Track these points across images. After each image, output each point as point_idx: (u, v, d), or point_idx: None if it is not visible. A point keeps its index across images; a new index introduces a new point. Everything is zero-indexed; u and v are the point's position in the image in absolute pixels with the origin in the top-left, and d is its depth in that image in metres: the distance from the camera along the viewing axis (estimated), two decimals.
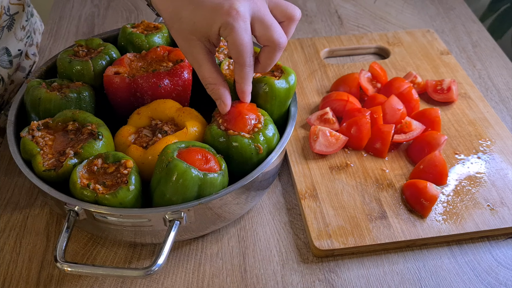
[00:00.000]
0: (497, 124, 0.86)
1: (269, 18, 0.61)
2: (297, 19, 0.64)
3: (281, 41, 0.61)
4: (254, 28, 0.61)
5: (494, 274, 0.67)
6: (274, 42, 0.61)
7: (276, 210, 0.75)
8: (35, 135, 0.66)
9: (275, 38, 0.61)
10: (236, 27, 0.59)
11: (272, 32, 0.61)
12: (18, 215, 0.74)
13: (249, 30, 0.60)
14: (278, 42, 0.61)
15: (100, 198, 0.60)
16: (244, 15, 0.59)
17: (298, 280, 0.66)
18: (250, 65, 0.63)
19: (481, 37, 1.09)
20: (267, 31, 0.61)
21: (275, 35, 0.61)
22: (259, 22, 0.60)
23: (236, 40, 0.59)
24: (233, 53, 0.61)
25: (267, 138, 0.67)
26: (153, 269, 0.56)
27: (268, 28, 0.61)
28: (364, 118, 0.80)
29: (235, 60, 0.62)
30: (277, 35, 0.61)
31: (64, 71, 0.76)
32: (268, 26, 0.61)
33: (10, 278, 0.67)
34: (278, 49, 0.62)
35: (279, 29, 0.61)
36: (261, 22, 0.61)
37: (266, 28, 0.61)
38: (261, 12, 0.60)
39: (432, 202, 0.72)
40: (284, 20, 0.64)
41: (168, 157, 0.61)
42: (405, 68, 0.98)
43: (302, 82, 0.95)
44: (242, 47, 0.60)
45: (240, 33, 0.59)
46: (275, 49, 0.62)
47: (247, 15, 0.59)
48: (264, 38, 0.61)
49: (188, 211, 0.61)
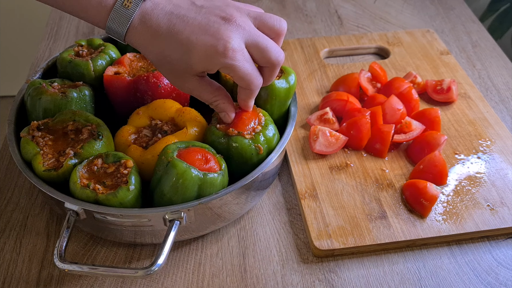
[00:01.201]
0: (497, 124, 0.86)
1: (262, 40, 0.59)
2: (285, 32, 0.62)
3: (279, 59, 0.61)
4: (250, 53, 0.59)
5: (494, 274, 0.67)
6: (273, 62, 0.61)
7: (276, 210, 0.75)
8: (35, 135, 0.66)
9: (274, 59, 0.60)
10: (236, 65, 0.57)
11: (269, 53, 0.59)
12: (18, 215, 0.74)
13: (248, 58, 0.59)
14: (277, 61, 0.61)
15: (100, 198, 0.60)
16: (239, 49, 0.57)
17: (298, 280, 0.67)
18: (258, 87, 0.62)
19: (481, 37, 1.09)
20: (264, 53, 0.59)
21: (273, 56, 0.60)
22: (254, 48, 0.59)
23: (241, 75, 0.59)
24: (241, 84, 0.61)
25: (267, 138, 0.67)
26: (153, 269, 0.56)
27: (265, 51, 0.59)
28: (364, 118, 0.80)
29: (245, 88, 0.62)
30: (275, 55, 0.60)
31: (64, 71, 0.76)
32: (263, 48, 0.59)
33: (10, 278, 0.67)
34: (278, 67, 0.62)
35: (274, 48, 0.60)
36: (256, 47, 0.59)
37: (262, 51, 0.59)
38: (253, 37, 0.59)
39: (432, 202, 0.72)
40: (274, 36, 0.62)
41: (168, 157, 0.61)
42: (405, 68, 0.98)
43: (302, 82, 0.95)
44: (248, 79, 0.60)
45: (242, 68, 0.58)
46: (275, 67, 0.62)
47: (242, 46, 0.58)
48: (263, 61, 0.60)
49: (188, 211, 0.61)
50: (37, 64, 1.01)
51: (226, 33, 0.56)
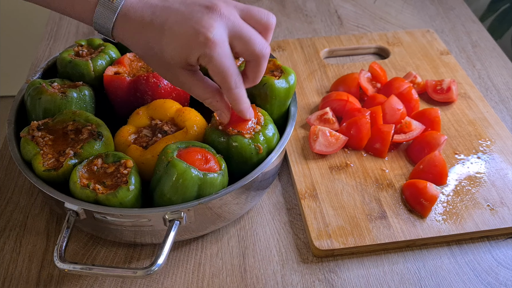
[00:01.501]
0: (497, 124, 0.86)
1: (246, 31, 0.57)
2: (273, 27, 0.60)
3: (264, 52, 0.58)
4: (234, 45, 0.57)
5: (494, 274, 0.67)
6: (258, 55, 0.57)
7: (276, 210, 0.75)
8: (35, 135, 0.66)
9: (258, 51, 0.57)
10: (214, 56, 0.55)
11: (253, 45, 0.57)
12: (18, 215, 0.74)
13: (228, 54, 0.56)
14: (261, 54, 0.57)
15: (100, 198, 0.60)
16: (220, 40, 0.55)
17: (298, 280, 0.67)
18: (238, 87, 0.59)
19: (481, 37, 1.09)
20: (248, 45, 0.57)
21: (257, 48, 0.57)
22: (237, 39, 0.56)
23: (217, 68, 0.56)
24: (216, 80, 0.58)
25: (267, 138, 0.67)
26: (153, 269, 0.56)
27: (248, 42, 0.57)
28: (364, 118, 0.80)
29: (220, 86, 0.59)
30: (259, 47, 0.57)
31: (64, 71, 0.76)
32: (247, 39, 0.57)
33: (10, 278, 0.67)
34: (263, 60, 0.59)
35: (259, 40, 0.57)
36: (240, 38, 0.56)
37: (245, 43, 0.57)
38: (236, 28, 0.56)
39: (432, 202, 0.72)
40: (261, 30, 0.59)
41: (168, 157, 0.61)
42: (405, 68, 0.98)
43: (302, 82, 0.95)
44: (224, 73, 0.56)
45: (219, 61, 0.55)
46: (260, 61, 0.58)
47: (224, 38, 0.55)
48: (247, 54, 0.58)
49: (188, 211, 0.61)
50: (37, 64, 1.01)
51: (208, 21, 0.54)
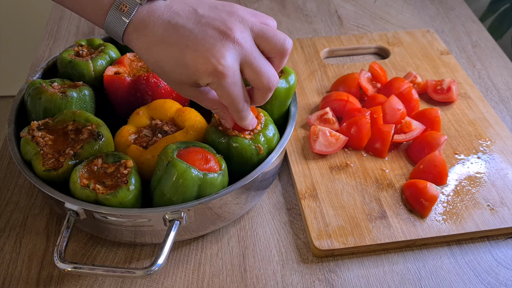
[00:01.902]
0: (497, 124, 0.86)
1: (257, 62, 0.57)
2: (289, 52, 0.59)
3: (271, 85, 0.59)
4: (244, 72, 0.58)
5: (494, 274, 0.67)
6: (264, 87, 0.59)
7: (276, 210, 0.75)
8: (35, 135, 0.66)
9: (265, 84, 0.58)
10: (223, 85, 0.56)
11: (261, 77, 0.58)
12: (18, 215, 0.74)
13: (238, 82, 0.57)
14: (268, 87, 0.59)
15: (100, 198, 0.60)
16: (230, 70, 0.55)
17: (298, 280, 0.67)
18: (243, 110, 0.61)
19: (481, 37, 1.09)
20: (257, 76, 0.57)
21: (265, 81, 0.58)
22: (248, 68, 0.57)
23: (225, 95, 0.57)
24: (224, 103, 0.59)
25: (267, 139, 0.67)
26: (153, 269, 0.56)
27: (258, 74, 0.57)
28: (364, 118, 0.80)
29: (228, 107, 0.60)
30: (267, 80, 0.58)
31: (64, 71, 0.76)
32: (257, 72, 0.57)
33: (10, 278, 0.67)
34: (269, 91, 0.60)
35: (268, 72, 0.58)
36: (250, 67, 0.57)
37: (255, 73, 0.57)
38: (249, 57, 0.56)
39: (432, 202, 0.72)
40: (275, 55, 0.59)
41: (168, 157, 0.61)
42: (405, 68, 0.98)
43: (302, 82, 0.95)
44: (231, 100, 0.58)
45: (228, 89, 0.56)
46: (267, 91, 0.60)
47: (235, 68, 0.56)
48: (255, 83, 0.59)
49: (188, 211, 0.61)
50: (37, 64, 1.01)
51: (220, 50, 0.54)
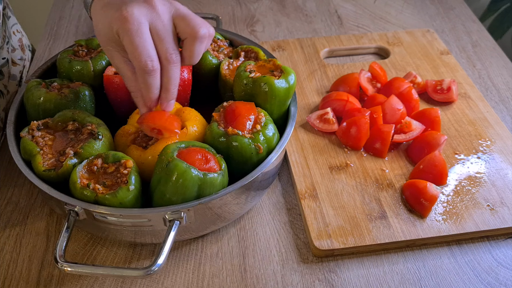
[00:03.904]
0: (497, 124, 0.86)
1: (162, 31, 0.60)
2: (200, 37, 0.61)
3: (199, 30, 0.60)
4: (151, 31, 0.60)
5: (494, 274, 0.67)
6: (190, 33, 0.60)
7: (276, 210, 0.75)
8: (35, 135, 0.66)
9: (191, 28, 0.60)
10: (126, 30, 0.58)
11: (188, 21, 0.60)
12: (18, 215, 0.74)
13: (143, 33, 0.59)
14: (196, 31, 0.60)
15: (100, 198, 0.60)
16: (136, 18, 0.59)
17: (298, 280, 0.67)
18: (146, 70, 0.60)
19: (481, 37, 1.09)
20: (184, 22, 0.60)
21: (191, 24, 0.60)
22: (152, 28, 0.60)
23: (127, 43, 0.59)
24: (130, 57, 0.60)
25: (267, 138, 0.67)
26: (153, 269, 0.56)
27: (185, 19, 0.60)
28: (363, 118, 0.80)
29: (135, 68, 0.61)
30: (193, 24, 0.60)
31: (64, 71, 0.76)
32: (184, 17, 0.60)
33: (10, 278, 0.67)
34: (196, 39, 0.60)
35: (197, 20, 0.60)
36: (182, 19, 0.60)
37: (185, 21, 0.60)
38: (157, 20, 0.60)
39: (432, 202, 0.72)
40: (186, 37, 0.61)
41: (168, 157, 0.61)
42: (405, 68, 0.98)
43: (302, 82, 0.95)
44: (132, 49, 0.59)
45: (129, 36, 0.58)
46: (194, 39, 0.60)
47: (140, 20, 0.59)
48: (180, 30, 0.61)
49: (188, 211, 0.61)
50: (37, 64, 1.01)
51: (133, 6, 0.59)
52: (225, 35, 0.85)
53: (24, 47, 0.94)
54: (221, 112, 0.69)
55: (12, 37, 0.89)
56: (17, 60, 0.89)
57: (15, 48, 0.89)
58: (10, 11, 0.92)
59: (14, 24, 0.92)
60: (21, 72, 0.89)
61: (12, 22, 0.92)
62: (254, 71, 0.71)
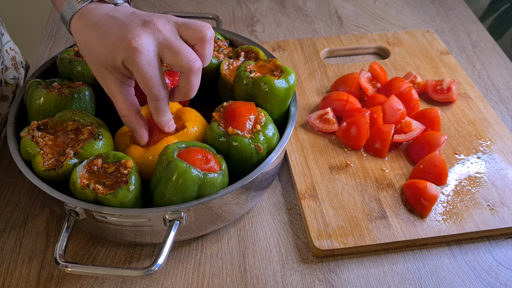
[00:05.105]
0: (497, 124, 0.86)
1: (176, 44, 0.60)
2: (209, 39, 0.62)
3: (192, 65, 0.60)
4: (164, 57, 0.60)
5: (494, 274, 0.67)
6: (185, 67, 0.60)
7: (276, 210, 0.75)
8: (35, 135, 0.66)
9: (185, 64, 0.59)
10: (137, 62, 0.58)
11: (181, 58, 0.59)
12: (18, 215, 0.74)
13: (152, 63, 0.59)
14: (188, 67, 0.60)
15: (100, 198, 0.60)
16: (145, 48, 0.58)
17: (298, 280, 0.67)
18: (159, 98, 0.61)
19: (481, 37, 1.09)
20: (176, 58, 0.59)
21: (184, 61, 0.59)
22: (167, 50, 0.59)
23: (139, 75, 0.59)
24: (141, 87, 0.61)
25: (267, 138, 0.67)
26: (153, 269, 0.56)
27: (177, 55, 0.59)
28: (363, 118, 0.80)
29: (146, 95, 0.62)
30: (186, 60, 0.59)
31: (64, 71, 0.76)
32: (176, 52, 0.59)
33: (10, 278, 0.67)
34: (192, 73, 0.60)
35: (188, 54, 0.59)
36: (169, 49, 0.59)
37: (174, 54, 0.59)
38: (167, 40, 0.59)
39: (432, 202, 0.72)
40: (196, 42, 0.62)
41: (168, 157, 0.61)
42: (405, 68, 0.98)
43: (302, 82, 0.95)
44: (146, 80, 0.59)
45: (142, 67, 0.58)
46: (189, 74, 0.60)
47: (150, 47, 0.59)
48: (175, 65, 0.60)
49: (188, 211, 0.61)
50: (37, 64, 1.01)
51: (138, 31, 0.59)
52: (225, 35, 0.85)
53: (18, 64, 0.92)
54: (221, 112, 0.69)
55: (5, 56, 0.88)
56: (9, 80, 0.87)
57: (8, 67, 0.88)
58: (3, 28, 0.91)
59: (7, 42, 0.91)
60: (13, 92, 0.88)
61: (5, 40, 0.90)
62: (254, 71, 0.72)
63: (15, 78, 0.89)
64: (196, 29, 0.61)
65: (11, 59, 0.90)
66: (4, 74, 0.86)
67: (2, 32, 0.89)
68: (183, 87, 0.62)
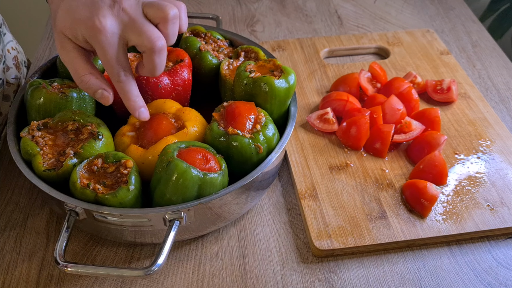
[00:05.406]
0: (497, 124, 0.86)
1: (139, 24, 0.60)
2: (171, 18, 0.61)
3: (153, 45, 0.60)
4: (129, 39, 0.60)
5: (494, 274, 0.67)
6: (147, 47, 0.60)
7: (276, 210, 0.75)
8: (35, 135, 0.66)
9: (147, 43, 0.59)
10: (99, 41, 0.59)
11: (143, 38, 0.59)
12: (18, 215, 0.74)
13: (114, 44, 0.59)
14: (150, 46, 0.60)
15: (100, 198, 0.60)
16: (108, 29, 0.59)
17: (298, 280, 0.67)
18: (120, 80, 0.61)
19: (481, 37, 1.09)
20: (139, 38, 0.60)
21: (146, 40, 0.59)
22: (131, 31, 0.60)
23: (101, 54, 0.59)
24: (103, 65, 0.61)
25: (267, 138, 0.67)
26: (153, 269, 0.56)
27: (139, 35, 0.59)
28: (363, 118, 0.80)
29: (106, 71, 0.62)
30: (148, 40, 0.59)
31: (64, 71, 0.76)
32: (138, 32, 0.60)
33: (10, 278, 0.67)
34: (153, 53, 0.60)
35: (150, 33, 0.60)
36: (132, 30, 0.60)
37: (137, 35, 0.60)
38: (131, 20, 0.60)
39: (432, 202, 0.72)
40: (159, 21, 0.61)
41: (168, 157, 0.61)
42: (405, 68, 0.98)
43: (302, 82, 0.95)
44: (107, 60, 0.60)
45: (103, 47, 0.59)
46: (151, 53, 0.60)
47: (113, 29, 0.59)
48: (139, 45, 0.60)
49: (188, 211, 0.61)
50: (37, 64, 1.01)
51: (104, 12, 0.59)
52: (225, 35, 0.85)
53: (20, 64, 0.92)
54: (221, 112, 0.69)
55: (7, 56, 0.88)
56: (11, 80, 0.87)
57: (10, 67, 0.88)
58: (5, 27, 0.91)
59: (9, 41, 0.91)
60: (15, 91, 0.88)
61: (7, 40, 0.90)
62: (254, 71, 0.72)
63: (17, 77, 0.89)
64: (159, 7, 0.61)
65: (13, 58, 0.89)
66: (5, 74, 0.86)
67: (4, 32, 0.89)
68: (147, 66, 0.62)
